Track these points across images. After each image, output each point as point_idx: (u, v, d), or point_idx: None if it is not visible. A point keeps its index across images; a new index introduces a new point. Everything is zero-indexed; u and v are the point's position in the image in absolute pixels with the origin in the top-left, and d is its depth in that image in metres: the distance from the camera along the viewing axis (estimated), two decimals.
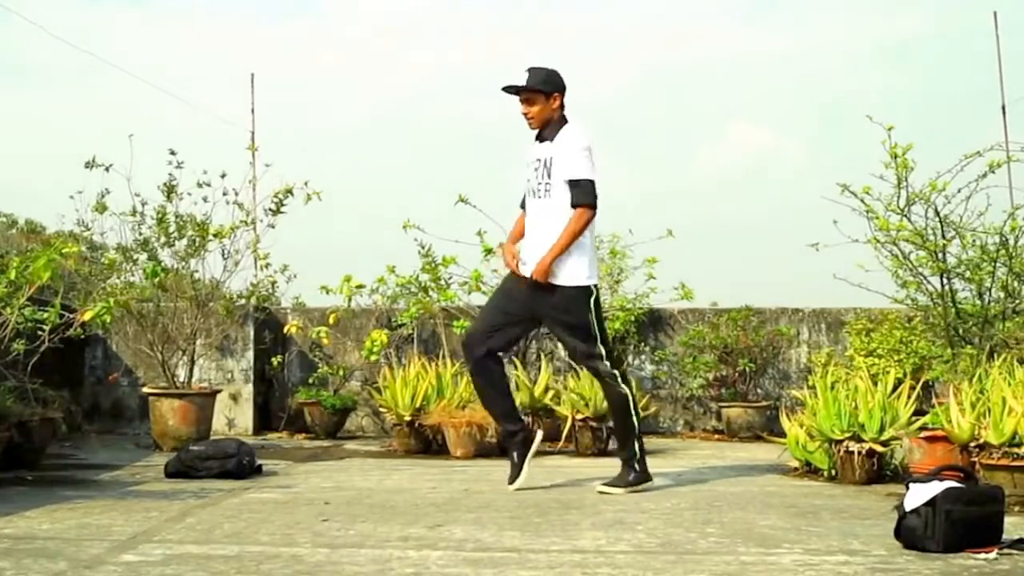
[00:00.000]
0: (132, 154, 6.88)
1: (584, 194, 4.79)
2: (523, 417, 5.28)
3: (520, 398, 6.75)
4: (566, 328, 4.90)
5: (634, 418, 4.94)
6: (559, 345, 5.54)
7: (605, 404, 6.52)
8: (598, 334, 4.87)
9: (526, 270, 4.87)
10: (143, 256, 7.17)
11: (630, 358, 8.70)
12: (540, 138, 4.95)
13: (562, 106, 4.93)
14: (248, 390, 8.52)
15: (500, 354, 5.10)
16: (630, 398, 4.95)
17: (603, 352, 4.88)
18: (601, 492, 4.74)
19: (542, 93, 4.87)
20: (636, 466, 4.87)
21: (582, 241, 4.80)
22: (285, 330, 8.50)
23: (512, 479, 4.90)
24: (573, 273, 4.82)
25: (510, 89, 4.91)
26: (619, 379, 4.93)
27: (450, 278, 7.92)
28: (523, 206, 5.08)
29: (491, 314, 5.06)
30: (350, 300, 8.21)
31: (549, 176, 4.83)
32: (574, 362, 5.01)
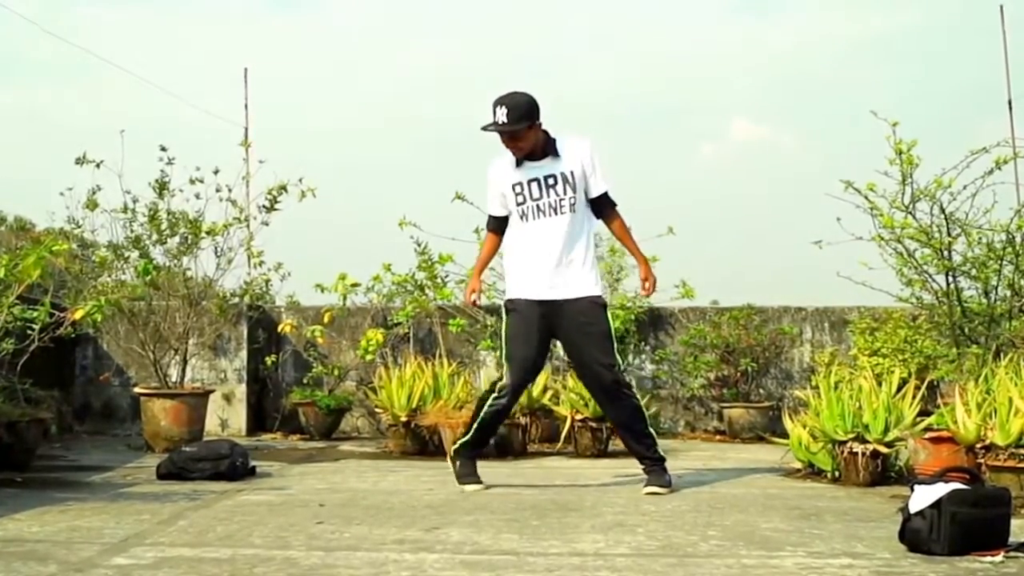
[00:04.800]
0: (123, 150, 6.86)
1: (614, 199, 4.94)
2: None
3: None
4: (592, 338, 4.83)
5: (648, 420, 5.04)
6: (558, 344, 5.54)
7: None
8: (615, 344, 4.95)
9: (559, 292, 4.81)
10: (135, 254, 7.12)
11: (630, 357, 8.66)
12: (533, 157, 4.83)
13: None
14: (241, 390, 8.47)
15: None
16: (641, 403, 5.04)
17: (620, 362, 4.95)
18: (653, 494, 4.72)
19: (530, 126, 4.76)
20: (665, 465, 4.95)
21: (597, 251, 4.97)
22: (279, 329, 8.48)
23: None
24: (598, 283, 4.90)
25: (491, 128, 4.75)
26: (631, 388, 5.01)
27: (447, 276, 7.93)
28: (494, 229, 5.05)
29: (533, 357, 4.94)
30: (345, 299, 8.21)
31: (574, 190, 4.78)
32: (587, 374, 4.97)
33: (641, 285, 5.21)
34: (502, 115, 4.69)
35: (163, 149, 7.05)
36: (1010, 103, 8.77)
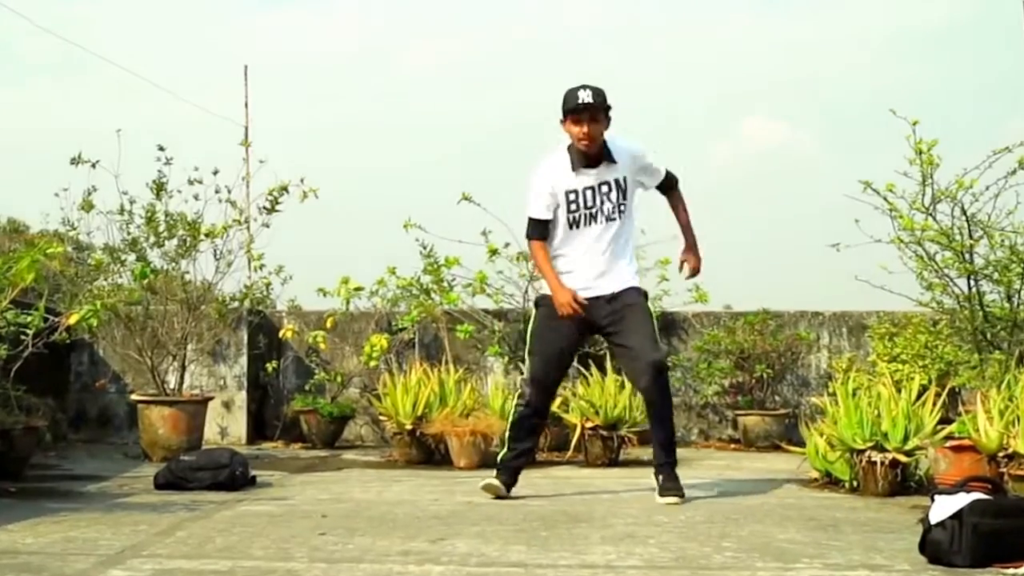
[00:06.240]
0: (120, 150, 6.77)
1: (674, 175, 5.05)
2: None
3: None
4: (639, 321, 4.80)
5: None
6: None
7: (618, 412, 6.48)
8: None
9: (600, 290, 4.81)
10: (131, 257, 7.04)
11: None
12: (589, 163, 4.77)
13: None
14: (241, 397, 8.38)
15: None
16: None
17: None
18: (672, 504, 4.67)
19: (606, 113, 4.73)
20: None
21: None
22: (280, 334, 8.41)
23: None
24: (636, 277, 4.96)
25: (581, 108, 4.66)
26: None
27: (453, 280, 7.86)
28: (542, 236, 4.86)
29: (557, 352, 4.93)
30: (348, 303, 8.15)
31: (624, 196, 4.81)
32: (635, 357, 4.84)
33: (680, 264, 5.19)
34: (587, 96, 4.66)
35: (161, 149, 6.99)
36: None
